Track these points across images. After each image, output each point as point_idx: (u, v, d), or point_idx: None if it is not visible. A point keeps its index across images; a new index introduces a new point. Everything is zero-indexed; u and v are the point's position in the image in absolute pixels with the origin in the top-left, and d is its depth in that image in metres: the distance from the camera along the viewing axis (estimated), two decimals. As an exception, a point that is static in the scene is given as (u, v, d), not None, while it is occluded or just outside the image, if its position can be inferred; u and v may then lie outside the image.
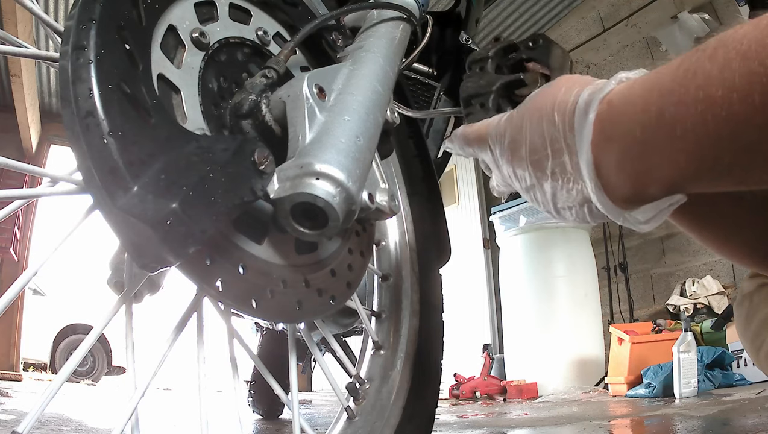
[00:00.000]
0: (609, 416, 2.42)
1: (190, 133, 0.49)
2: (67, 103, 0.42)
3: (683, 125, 0.36)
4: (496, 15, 5.15)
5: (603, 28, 4.92)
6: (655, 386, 3.08)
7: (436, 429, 2.12)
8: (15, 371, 5.42)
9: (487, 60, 0.59)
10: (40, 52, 0.54)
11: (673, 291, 4.01)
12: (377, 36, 0.68)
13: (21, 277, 0.44)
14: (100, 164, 0.41)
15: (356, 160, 0.52)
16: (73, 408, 2.87)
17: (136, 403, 0.48)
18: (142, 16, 0.50)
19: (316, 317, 0.64)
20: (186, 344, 0.55)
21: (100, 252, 1.00)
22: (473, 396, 4.40)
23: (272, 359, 2.53)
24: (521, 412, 2.97)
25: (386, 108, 0.63)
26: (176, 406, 3.85)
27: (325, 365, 0.79)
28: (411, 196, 0.97)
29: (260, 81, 0.56)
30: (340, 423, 0.76)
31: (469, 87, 0.58)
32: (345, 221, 0.50)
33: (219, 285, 0.49)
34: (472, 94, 0.57)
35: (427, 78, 1.16)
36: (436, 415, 0.89)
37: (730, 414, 2.02)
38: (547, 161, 0.45)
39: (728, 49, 0.34)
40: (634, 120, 0.40)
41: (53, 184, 0.47)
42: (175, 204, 0.40)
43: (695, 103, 0.35)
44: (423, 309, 0.91)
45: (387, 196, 0.60)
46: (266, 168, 0.50)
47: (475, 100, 0.57)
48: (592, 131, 0.42)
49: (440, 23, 1.19)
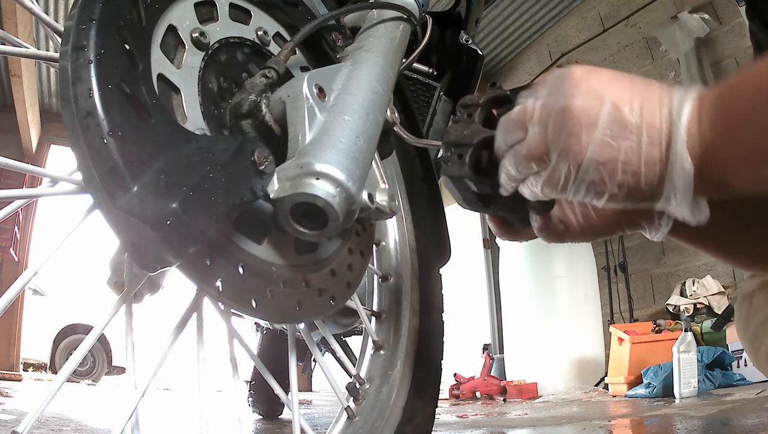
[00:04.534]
0: (609, 416, 2.42)
1: (190, 133, 0.49)
2: (67, 103, 0.42)
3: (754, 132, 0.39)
4: (496, 15, 5.14)
5: (603, 28, 4.92)
6: (655, 386, 3.08)
7: (436, 429, 2.12)
8: (15, 371, 5.42)
9: (477, 108, 0.59)
10: (40, 52, 0.54)
11: (673, 291, 4.01)
12: (377, 36, 0.68)
13: (21, 277, 0.44)
14: (100, 164, 0.41)
15: (356, 160, 0.52)
16: (73, 408, 2.87)
17: (136, 403, 0.48)
18: (142, 16, 0.50)
19: (316, 317, 0.64)
20: (186, 344, 0.55)
21: (100, 252, 1.00)
22: (473, 396, 4.40)
23: (272, 359, 2.52)
24: (521, 412, 2.97)
25: (386, 108, 0.63)
26: (176, 406, 3.85)
27: (325, 365, 0.79)
28: (411, 196, 0.97)
29: (260, 81, 0.56)
30: (340, 423, 0.75)
31: (450, 134, 0.57)
32: (345, 221, 0.50)
33: (219, 285, 0.49)
34: (453, 142, 0.56)
35: (427, 78, 1.16)
36: (436, 415, 0.89)
37: (730, 414, 2.02)
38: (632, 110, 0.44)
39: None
40: (726, 120, 0.41)
41: (53, 184, 0.47)
42: (175, 204, 0.40)
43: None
44: (423, 309, 0.91)
45: (387, 196, 0.60)
46: (266, 168, 0.50)
47: (455, 149, 0.56)
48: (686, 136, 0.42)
49: (440, 23, 1.19)
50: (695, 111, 0.43)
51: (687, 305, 3.79)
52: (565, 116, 0.45)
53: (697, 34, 4.05)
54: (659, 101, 0.44)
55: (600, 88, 0.45)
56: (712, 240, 0.65)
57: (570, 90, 0.45)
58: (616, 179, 0.44)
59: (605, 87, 0.45)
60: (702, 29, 4.05)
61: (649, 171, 0.43)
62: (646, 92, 0.44)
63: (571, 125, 0.44)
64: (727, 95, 0.43)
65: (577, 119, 0.44)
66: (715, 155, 0.42)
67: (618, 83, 0.45)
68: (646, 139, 0.43)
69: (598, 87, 0.45)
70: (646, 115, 0.43)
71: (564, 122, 0.44)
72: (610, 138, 0.43)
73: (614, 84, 0.45)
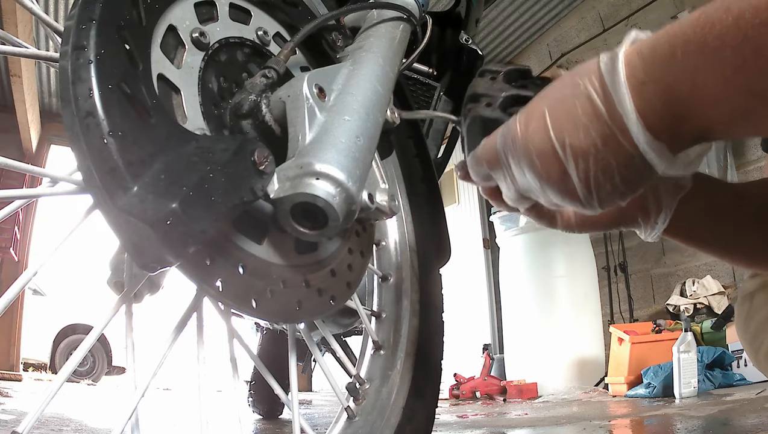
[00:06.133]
0: (609, 416, 2.42)
1: (190, 133, 0.49)
2: (67, 103, 0.42)
3: (704, 73, 0.38)
4: (496, 15, 5.14)
5: (603, 28, 4.92)
6: (655, 386, 3.08)
7: (436, 429, 2.12)
8: (15, 371, 5.42)
9: (500, 73, 0.59)
10: (40, 52, 0.54)
11: (673, 291, 4.01)
12: (377, 36, 0.68)
13: (21, 277, 0.44)
14: (100, 164, 0.41)
15: (356, 160, 0.52)
16: (73, 408, 2.87)
17: (136, 403, 0.48)
18: (142, 16, 0.50)
19: (316, 317, 0.64)
20: (186, 344, 0.55)
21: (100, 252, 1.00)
22: (473, 396, 4.40)
23: (272, 359, 2.53)
24: (521, 412, 2.97)
25: (386, 108, 0.63)
26: (176, 406, 3.85)
27: (325, 365, 0.79)
28: (411, 196, 0.97)
29: (260, 81, 0.56)
30: (340, 423, 0.75)
31: (479, 86, 0.58)
32: (345, 221, 0.50)
33: (219, 285, 0.49)
34: (481, 93, 0.57)
35: (427, 78, 1.16)
36: (436, 415, 0.89)
37: (730, 414, 2.02)
38: (578, 132, 0.44)
39: (742, 1, 0.35)
40: (662, 65, 0.41)
41: (53, 184, 0.47)
42: (175, 204, 0.40)
43: (713, 53, 0.37)
44: (423, 309, 0.91)
45: (387, 196, 0.60)
46: (266, 168, 0.50)
47: (483, 99, 0.57)
48: (625, 78, 0.42)
49: (440, 23, 1.19)
50: (632, 54, 0.43)
51: (687, 305, 3.79)
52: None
53: (697, 34, 4.05)
54: (589, 79, 0.45)
55: (537, 127, 0.47)
56: (707, 239, 0.65)
57: None
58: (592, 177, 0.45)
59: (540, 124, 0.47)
60: (702, 29, 4.04)
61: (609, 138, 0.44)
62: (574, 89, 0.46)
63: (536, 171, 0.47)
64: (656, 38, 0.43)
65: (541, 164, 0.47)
66: (669, 87, 0.41)
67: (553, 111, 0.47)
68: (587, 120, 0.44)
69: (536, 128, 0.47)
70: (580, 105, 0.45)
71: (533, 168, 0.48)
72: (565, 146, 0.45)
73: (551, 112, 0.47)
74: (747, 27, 0.35)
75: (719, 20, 0.37)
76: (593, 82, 0.45)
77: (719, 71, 0.37)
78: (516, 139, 0.48)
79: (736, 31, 0.35)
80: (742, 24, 0.35)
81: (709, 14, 0.38)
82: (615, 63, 0.43)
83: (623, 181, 0.44)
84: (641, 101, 0.42)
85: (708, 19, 0.37)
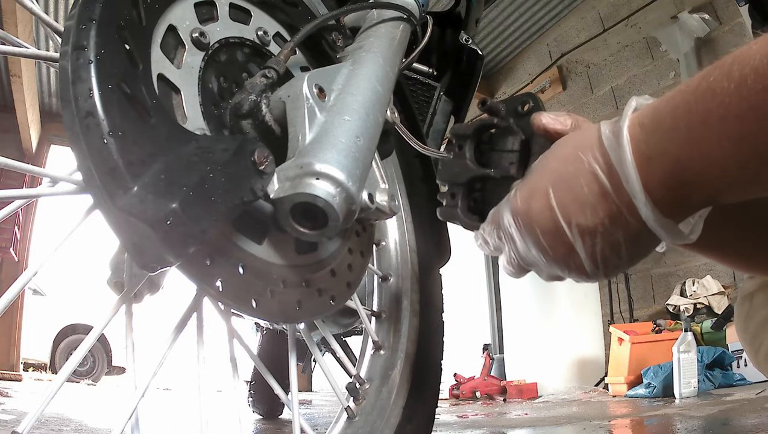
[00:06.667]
0: (609, 416, 2.42)
1: (190, 133, 0.49)
2: (67, 103, 0.42)
3: (709, 143, 0.37)
4: (496, 15, 5.14)
5: (603, 28, 4.92)
6: (655, 386, 3.08)
7: (436, 429, 2.12)
8: (15, 371, 5.41)
9: (466, 139, 0.59)
10: (40, 52, 0.54)
11: (673, 291, 4.01)
12: (377, 36, 0.68)
13: (21, 277, 0.44)
14: (100, 164, 0.41)
15: (356, 160, 0.52)
16: (73, 408, 2.87)
17: (136, 403, 0.48)
18: (142, 16, 0.50)
19: (316, 317, 0.64)
20: (186, 344, 0.55)
21: (100, 252, 1.00)
22: (473, 396, 4.40)
23: (272, 359, 2.53)
24: (521, 412, 2.97)
25: (386, 108, 0.63)
26: (176, 406, 3.85)
27: (325, 365, 0.79)
28: (411, 196, 0.97)
29: (260, 81, 0.56)
30: (340, 423, 0.75)
31: (443, 174, 0.59)
32: (345, 221, 0.50)
33: (219, 285, 0.49)
34: (444, 181, 0.58)
35: (427, 78, 1.16)
36: (436, 415, 0.89)
37: (730, 414, 2.02)
38: (585, 211, 0.44)
39: (743, 66, 0.35)
40: (666, 138, 0.40)
41: (53, 184, 0.47)
42: (175, 204, 0.40)
43: (718, 123, 0.36)
44: (423, 309, 0.91)
45: (387, 196, 0.60)
46: (266, 168, 0.50)
47: (448, 188, 0.58)
48: (631, 154, 0.41)
49: (440, 23, 1.19)
50: (634, 124, 0.42)
51: (687, 305, 3.79)
52: None
53: (697, 34, 4.05)
54: (591, 151, 0.44)
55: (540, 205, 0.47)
56: (709, 246, 0.65)
57: None
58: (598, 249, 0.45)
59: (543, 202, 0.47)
60: (702, 29, 4.05)
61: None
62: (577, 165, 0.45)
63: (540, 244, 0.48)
64: (658, 106, 0.42)
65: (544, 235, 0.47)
66: (678, 160, 0.40)
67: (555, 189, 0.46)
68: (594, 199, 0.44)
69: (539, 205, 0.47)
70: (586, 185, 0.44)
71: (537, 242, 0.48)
72: None
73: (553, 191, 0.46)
74: (750, 94, 0.34)
75: (721, 89, 0.36)
76: (597, 157, 0.44)
77: (725, 140, 0.36)
78: (520, 217, 0.48)
79: (738, 100, 0.35)
80: (744, 92, 0.34)
81: (710, 82, 0.37)
82: (619, 138, 0.42)
83: (630, 254, 0.44)
84: (647, 176, 0.41)
85: (709, 87, 0.37)
